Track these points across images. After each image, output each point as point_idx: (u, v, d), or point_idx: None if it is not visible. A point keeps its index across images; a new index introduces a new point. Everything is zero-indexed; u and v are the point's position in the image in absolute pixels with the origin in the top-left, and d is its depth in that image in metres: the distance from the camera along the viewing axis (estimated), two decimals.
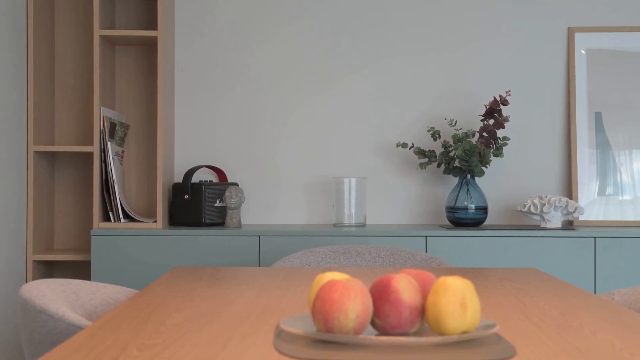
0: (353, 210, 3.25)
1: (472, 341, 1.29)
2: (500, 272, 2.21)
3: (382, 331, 1.31)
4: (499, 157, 3.38)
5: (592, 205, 3.33)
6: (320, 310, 1.27)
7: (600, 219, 3.32)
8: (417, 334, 1.35)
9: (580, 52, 3.40)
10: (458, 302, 1.27)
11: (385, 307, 1.30)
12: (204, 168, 3.43)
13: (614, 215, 3.32)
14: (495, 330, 1.28)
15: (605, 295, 1.96)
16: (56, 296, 1.66)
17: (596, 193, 3.34)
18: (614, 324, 1.45)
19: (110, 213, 3.16)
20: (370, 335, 1.30)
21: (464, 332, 1.28)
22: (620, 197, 3.34)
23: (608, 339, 1.31)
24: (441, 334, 1.28)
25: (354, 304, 1.26)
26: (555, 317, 1.52)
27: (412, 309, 1.30)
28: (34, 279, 3.20)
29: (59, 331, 1.51)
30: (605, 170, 3.35)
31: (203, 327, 1.40)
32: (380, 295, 1.31)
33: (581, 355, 1.18)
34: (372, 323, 1.32)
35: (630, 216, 3.32)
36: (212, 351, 1.21)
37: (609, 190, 3.34)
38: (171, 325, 1.41)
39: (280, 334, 1.35)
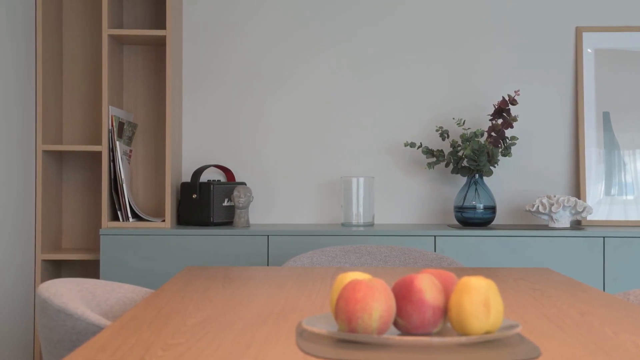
0: (361, 209, 3.25)
1: (495, 341, 1.29)
2: (514, 272, 2.21)
3: (405, 331, 1.31)
4: (507, 157, 3.38)
5: (599, 205, 3.34)
6: (344, 310, 1.27)
7: (608, 218, 3.33)
8: (439, 334, 1.35)
9: (588, 52, 3.40)
10: (481, 302, 1.27)
11: (409, 307, 1.30)
12: (212, 167, 3.42)
13: (621, 215, 3.32)
14: (518, 330, 1.28)
15: (620, 295, 1.96)
16: (73, 295, 1.66)
17: (603, 193, 3.34)
18: (635, 324, 1.45)
19: (119, 212, 3.16)
20: (393, 335, 1.30)
21: (487, 333, 1.28)
22: (628, 197, 3.34)
23: (631, 339, 1.31)
24: (464, 334, 1.28)
25: (378, 303, 1.26)
26: (575, 317, 1.52)
27: (435, 309, 1.30)
28: (42, 278, 3.20)
29: (78, 330, 1.51)
30: (613, 170, 3.35)
31: (224, 327, 1.40)
32: (404, 295, 1.31)
33: (607, 356, 1.18)
34: (395, 323, 1.32)
35: (635, 216, 3.32)
36: (238, 351, 1.21)
37: (616, 190, 3.35)
38: (192, 325, 1.41)
39: (302, 333, 1.34)
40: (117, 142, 3.15)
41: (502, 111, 3.20)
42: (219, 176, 3.45)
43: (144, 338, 1.30)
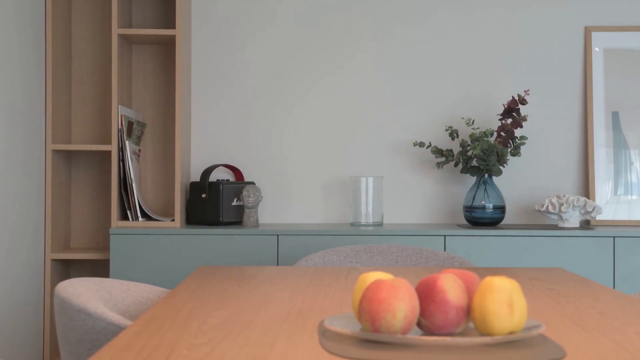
0: (370, 209, 3.24)
1: (519, 342, 1.29)
2: (528, 272, 2.21)
3: (428, 331, 1.31)
4: (516, 157, 3.38)
5: (608, 204, 3.33)
6: (367, 310, 1.27)
7: (617, 218, 3.32)
8: (462, 334, 1.35)
9: (598, 52, 3.40)
10: (505, 302, 1.27)
11: (432, 307, 1.30)
12: (221, 167, 3.42)
13: (630, 215, 3.32)
14: (542, 330, 1.28)
15: (636, 296, 1.96)
16: (92, 295, 1.66)
17: (612, 192, 3.34)
18: None
19: (128, 212, 3.16)
20: (416, 335, 1.30)
21: (511, 333, 1.28)
22: (633, 197, 3.34)
23: None
24: (488, 334, 1.28)
25: (401, 303, 1.26)
26: (595, 317, 1.52)
27: (459, 309, 1.30)
28: (52, 278, 3.20)
29: (98, 330, 1.51)
30: (622, 170, 3.35)
31: (246, 327, 1.40)
32: (427, 295, 1.31)
33: (633, 357, 1.18)
34: (418, 323, 1.32)
35: None
36: (262, 351, 1.20)
37: (625, 190, 3.34)
38: (213, 325, 1.41)
39: (324, 333, 1.34)
40: (127, 142, 3.15)
41: (512, 111, 3.20)
42: (228, 176, 3.45)
43: (167, 338, 1.30)
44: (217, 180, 3.23)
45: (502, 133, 3.21)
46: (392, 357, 1.18)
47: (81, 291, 1.61)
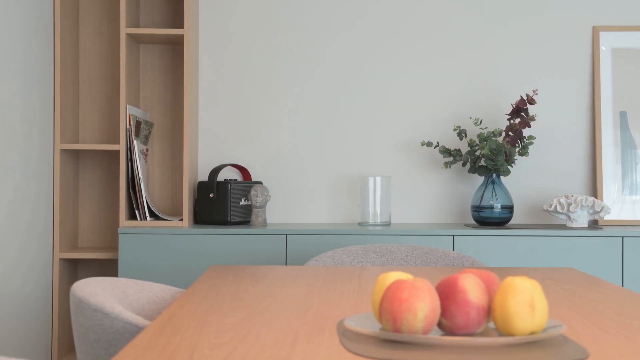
0: (378, 208, 3.24)
1: (540, 342, 1.29)
2: (540, 272, 2.21)
3: (449, 331, 1.31)
4: (524, 156, 3.38)
5: (615, 204, 3.33)
6: (389, 310, 1.27)
7: (625, 218, 3.32)
8: (483, 334, 1.35)
9: (606, 52, 3.40)
10: (527, 302, 1.26)
11: (452, 307, 1.29)
12: (228, 167, 3.42)
13: (635, 215, 3.32)
14: (563, 331, 1.28)
15: None
16: (108, 294, 1.66)
17: (621, 192, 3.34)
18: None
19: (137, 211, 3.16)
20: (436, 335, 1.29)
21: (532, 333, 1.28)
22: (638, 197, 3.34)
23: None
24: (509, 334, 1.28)
25: (423, 304, 1.26)
26: (613, 317, 1.52)
27: (479, 310, 1.29)
28: (60, 277, 3.20)
29: (115, 330, 1.51)
30: (631, 169, 3.35)
31: (265, 326, 1.39)
32: (447, 295, 1.30)
33: None
34: (438, 323, 1.32)
35: None
36: (284, 350, 1.20)
37: (631, 190, 3.34)
38: (232, 325, 1.41)
39: (344, 333, 1.34)
40: (135, 141, 3.15)
41: (520, 110, 3.20)
42: (236, 175, 3.44)
43: (187, 337, 1.30)
44: (225, 179, 3.23)
45: (510, 133, 3.21)
46: (414, 357, 1.18)
47: (97, 291, 1.60)
